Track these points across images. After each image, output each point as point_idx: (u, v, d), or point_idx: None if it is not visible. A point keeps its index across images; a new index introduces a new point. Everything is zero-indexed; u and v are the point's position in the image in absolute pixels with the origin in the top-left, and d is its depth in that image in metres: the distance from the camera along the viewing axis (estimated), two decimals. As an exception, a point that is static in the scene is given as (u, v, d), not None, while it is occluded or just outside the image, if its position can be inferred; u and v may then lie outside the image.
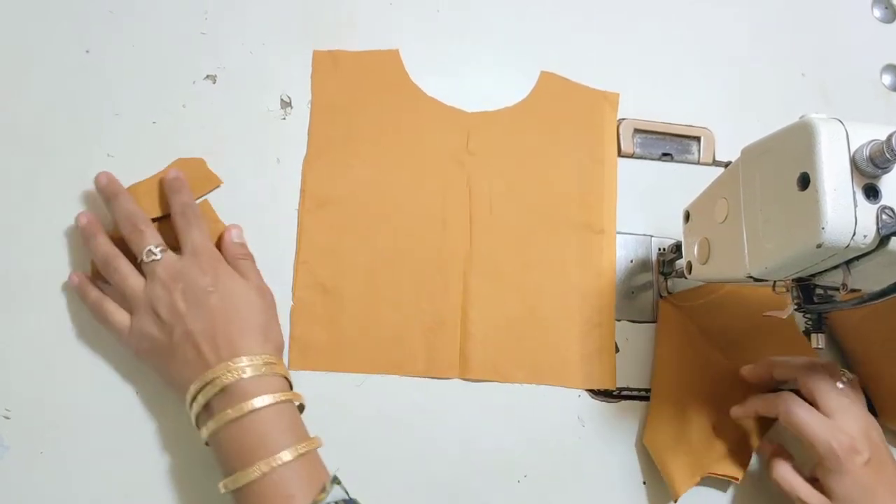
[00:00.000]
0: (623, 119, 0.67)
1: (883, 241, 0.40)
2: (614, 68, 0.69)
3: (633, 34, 0.70)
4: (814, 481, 0.55)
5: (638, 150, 0.67)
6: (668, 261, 0.63)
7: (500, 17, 0.68)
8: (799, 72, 0.73)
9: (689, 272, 0.56)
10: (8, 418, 0.52)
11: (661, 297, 0.64)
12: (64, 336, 0.54)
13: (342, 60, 0.63)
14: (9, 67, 0.57)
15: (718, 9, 0.73)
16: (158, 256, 0.50)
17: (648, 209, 0.66)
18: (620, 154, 0.66)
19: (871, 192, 0.41)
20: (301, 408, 0.51)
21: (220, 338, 0.48)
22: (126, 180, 0.56)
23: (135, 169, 0.57)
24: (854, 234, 0.40)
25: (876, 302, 0.44)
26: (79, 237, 0.54)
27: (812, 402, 0.55)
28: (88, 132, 0.57)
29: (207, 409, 0.48)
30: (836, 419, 0.53)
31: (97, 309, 0.52)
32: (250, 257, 0.55)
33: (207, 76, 0.60)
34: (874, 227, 0.40)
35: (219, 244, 0.55)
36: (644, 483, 0.60)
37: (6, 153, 0.56)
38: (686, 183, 0.63)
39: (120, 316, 0.51)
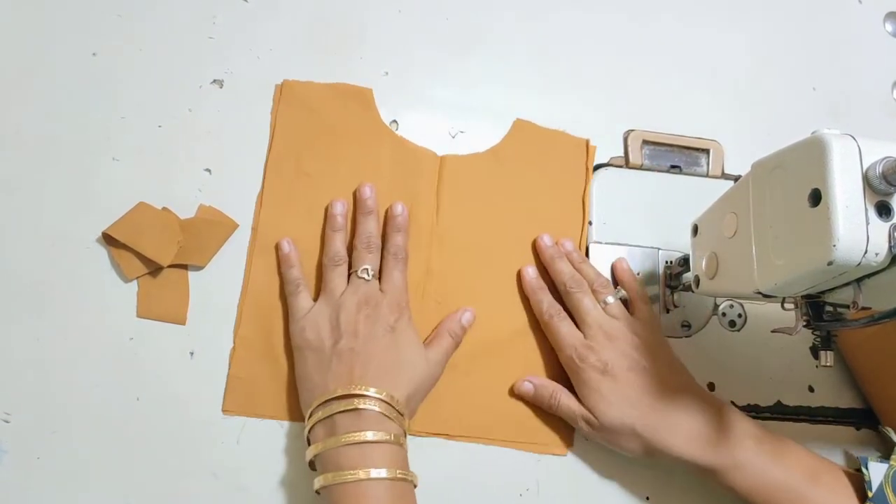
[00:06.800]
0: (632, 130, 0.67)
1: (895, 259, 0.40)
2: (624, 79, 0.68)
3: (642, 45, 0.70)
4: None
5: (646, 162, 0.66)
6: (674, 274, 0.63)
7: (508, 27, 0.67)
8: (810, 85, 0.73)
9: (697, 286, 0.56)
10: (7, 422, 0.52)
11: (667, 310, 0.64)
12: (64, 340, 0.54)
13: (312, 92, 0.61)
14: (16, 70, 0.57)
15: (729, 21, 0.73)
16: (369, 278, 0.55)
17: (656, 222, 0.65)
18: (629, 165, 0.66)
19: (884, 210, 0.40)
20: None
21: (373, 370, 0.51)
22: (131, 183, 0.56)
23: (140, 172, 0.57)
24: (866, 251, 0.40)
25: (887, 321, 0.43)
26: (83, 239, 0.54)
27: (577, 316, 0.58)
28: (94, 135, 0.57)
29: (330, 424, 0.49)
30: (589, 336, 0.57)
31: (292, 286, 0.56)
32: (456, 342, 0.57)
33: (214, 81, 0.60)
34: (886, 246, 0.40)
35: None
36: (647, 499, 0.59)
37: (12, 156, 0.56)
38: (694, 196, 0.63)
39: (306, 301, 0.55)
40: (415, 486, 0.50)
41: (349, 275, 0.56)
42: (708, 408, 0.55)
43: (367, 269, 0.55)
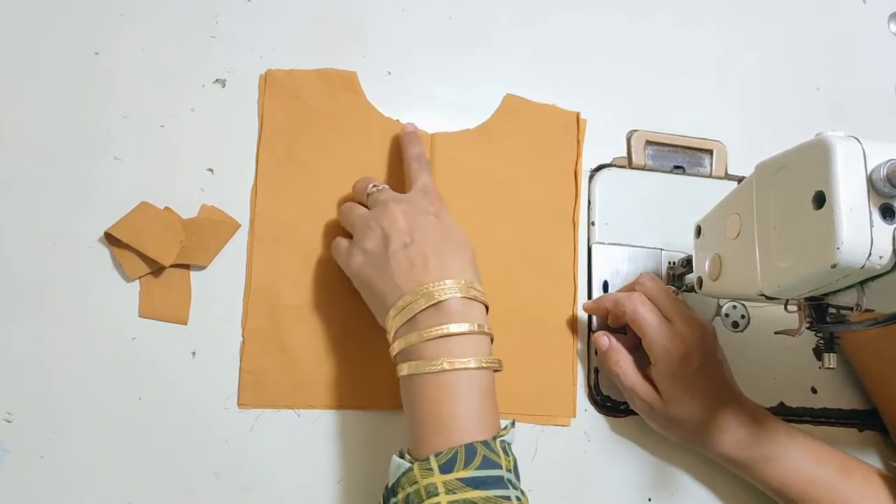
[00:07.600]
0: (635, 131, 0.66)
1: (899, 262, 0.40)
2: (627, 79, 0.68)
3: (645, 45, 0.70)
4: (647, 378, 0.57)
5: (649, 163, 0.66)
6: (677, 275, 0.63)
7: (511, 27, 0.67)
8: (814, 86, 0.73)
9: (700, 288, 0.56)
10: (9, 422, 0.52)
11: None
12: (65, 340, 0.53)
13: (297, 79, 0.61)
14: (17, 68, 0.57)
15: (733, 21, 0.73)
16: (380, 187, 0.54)
17: (659, 222, 0.65)
18: (632, 165, 0.66)
19: (888, 213, 0.40)
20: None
21: (434, 256, 0.49)
22: (133, 183, 0.56)
23: (142, 172, 0.57)
24: (869, 255, 0.40)
25: (890, 323, 0.43)
26: (85, 239, 0.54)
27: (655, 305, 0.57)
28: (96, 135, 0.57)
29: (412, 323, 0.48)
30: (675, 324, 0.55)
31: (335, 243, 0.56)
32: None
33: (217, 80, 0.60)
34: (890, 248, 0.40)
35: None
36: (649, 500, 0.59)
37: (13, 154, 0.55)
38: (698, 196, 0.63)
39: (344, 243, 0.54)
40: (497, 370, 0.49)
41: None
42: (746, 406, 0.56)
43: (374, 184, 0.54)
